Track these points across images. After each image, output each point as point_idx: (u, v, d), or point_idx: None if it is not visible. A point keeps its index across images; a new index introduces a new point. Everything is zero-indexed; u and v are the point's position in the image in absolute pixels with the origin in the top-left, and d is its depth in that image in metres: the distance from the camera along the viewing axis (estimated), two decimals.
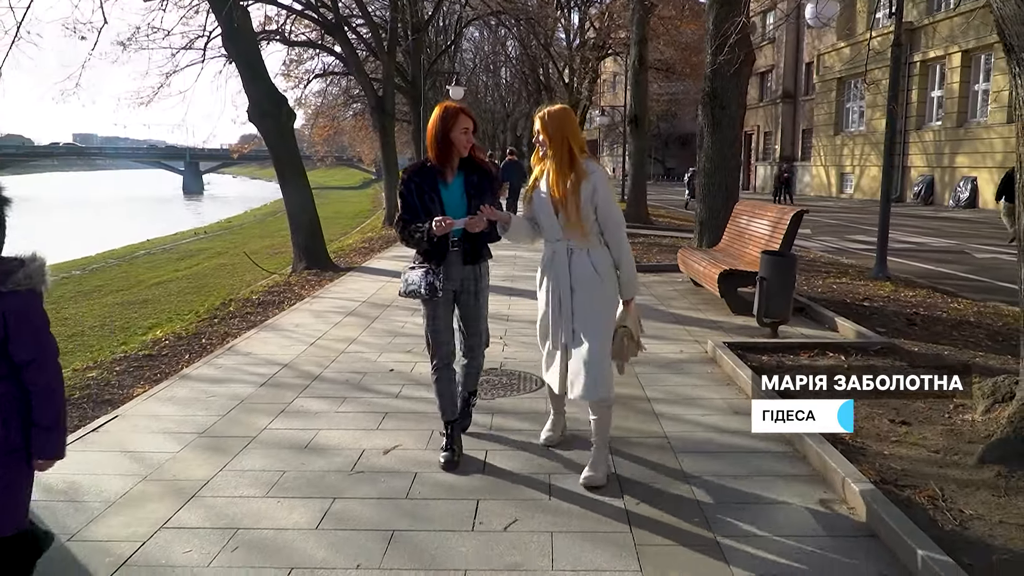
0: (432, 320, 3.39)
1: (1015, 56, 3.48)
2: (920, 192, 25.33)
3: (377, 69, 20.32)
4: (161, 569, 2.55)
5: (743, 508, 2.96)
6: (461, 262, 3.35)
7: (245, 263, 13.48)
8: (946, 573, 2.35)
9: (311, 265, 10.32)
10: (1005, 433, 3.38)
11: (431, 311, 3.38)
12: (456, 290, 3.39)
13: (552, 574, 2.50)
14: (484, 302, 3.48)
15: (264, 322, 6.86)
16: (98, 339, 8.11)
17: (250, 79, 10.18)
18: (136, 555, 2.64)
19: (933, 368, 4.80)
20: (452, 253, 3.32)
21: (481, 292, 3.44)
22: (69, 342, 7.84)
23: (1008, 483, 3.10)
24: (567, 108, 3.20)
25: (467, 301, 3.42)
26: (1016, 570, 2.48)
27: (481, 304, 3.45)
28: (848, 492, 3.00)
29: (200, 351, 5.99)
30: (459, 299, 3.42)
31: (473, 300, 3.42)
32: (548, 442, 3.61)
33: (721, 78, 9.26)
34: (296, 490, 3.15)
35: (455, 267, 3.35)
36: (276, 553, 2.64)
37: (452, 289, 3.38)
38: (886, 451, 3.46)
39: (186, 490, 3.15)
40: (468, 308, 3.43)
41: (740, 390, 4.48)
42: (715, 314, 6.71)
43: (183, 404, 4.37)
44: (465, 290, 3.40)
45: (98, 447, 3.70)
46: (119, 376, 5.35)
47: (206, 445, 3.69)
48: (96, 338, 8.19)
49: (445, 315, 3.40)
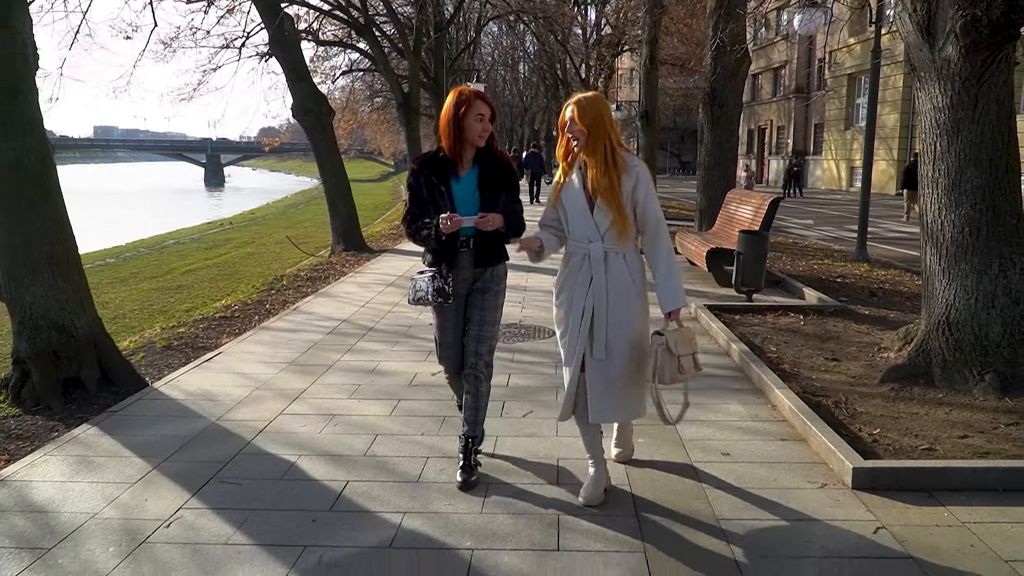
0: (440, 329, 3.13)
1: (917, 74, 4.53)
2: None
3: (399, 65, 21.46)
4: (288, 435, 3.70)
5: (700, 407, 4.04)
6: (472, 264, 3.04)
7: (271, 252, 14.58)
8: (831, 442, 3.41)
9: (348, 247, 11.49)
10: (902, 362, 4.45)
11: (440, 318, 3.12)
12: (468, 292, 3.11)
13: (556, 439, 3.61)
14: (493, 308, 3.10)
15: (318, 291, 8.04)
16: (139, 321, 8.52)
17: (295, 80, 11.37)
18: (268, 428, 3.80)
19: (870, 323, 5.86)
20: (462, 254, 3.01)
21: (491, 298, 3.09)
22: (112, 324, 8.24)
23: (896, 395, 4.17)
24: (601, 96, 2.95)
25: (475, 302, 3.08)
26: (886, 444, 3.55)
27: (488, 310, 3.08)
28: (774, 398, 4.09)
29: (267, 313, 7.16)
30: (469, 301, 3.12)
31: (479, 303, 3.07)
32: (589, 502, 2.90)
33: (720, 80, 10.30)
34: (371, 395, 4.30)
35: (466, 270, 3.04)
36: (364, 428, 3.78)
37: (463, 294, 3.09)
38: (814, 376, 4.53)
39: (290, 395, 4.31)
40: (473, 310, 3.08)
41: (712, 339, 5.56)
42: (703, 286, 7.78)
43: (269, 345, 5.54)
44: (475, 292, 3.09)
45: (215, 371, 4.88)
46: (205, 331, 6.52)
47: (296, 370, 4.85)
48: (137, 320, 8.66)
49: (455, 322, 3.12)
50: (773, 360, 4.83)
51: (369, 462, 3.35)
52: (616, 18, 26.42)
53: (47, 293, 4.53)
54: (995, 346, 4.22)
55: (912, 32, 4.46)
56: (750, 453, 3.43)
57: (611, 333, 2.83)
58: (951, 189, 4.38)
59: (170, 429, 3.79)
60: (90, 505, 2.95)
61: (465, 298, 3.11)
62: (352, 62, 25.03)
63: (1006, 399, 4.01)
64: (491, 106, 2.99)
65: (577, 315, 2.87)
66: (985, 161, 4.28)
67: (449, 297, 2.97)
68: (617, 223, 2.79)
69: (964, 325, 4.31)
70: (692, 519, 2.80)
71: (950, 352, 4.32)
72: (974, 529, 2.70)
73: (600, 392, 2.85)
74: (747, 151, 41.51)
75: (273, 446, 3.55)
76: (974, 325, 4.28)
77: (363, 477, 3.18)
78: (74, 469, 3.32)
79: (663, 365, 2.81)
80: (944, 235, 4.41)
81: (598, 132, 2.77)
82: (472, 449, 3.15)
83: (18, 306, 4.54)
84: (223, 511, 2.89)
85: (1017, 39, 4.24)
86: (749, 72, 11.68)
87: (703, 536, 2.66)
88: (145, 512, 2.89)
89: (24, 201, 4.46)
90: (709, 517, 2.80)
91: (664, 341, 2.82)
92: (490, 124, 2.99)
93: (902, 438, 3.53)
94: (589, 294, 2.85)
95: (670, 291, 2.85)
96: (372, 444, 3.56)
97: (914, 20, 4.43)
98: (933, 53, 4.36)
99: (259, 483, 3.14)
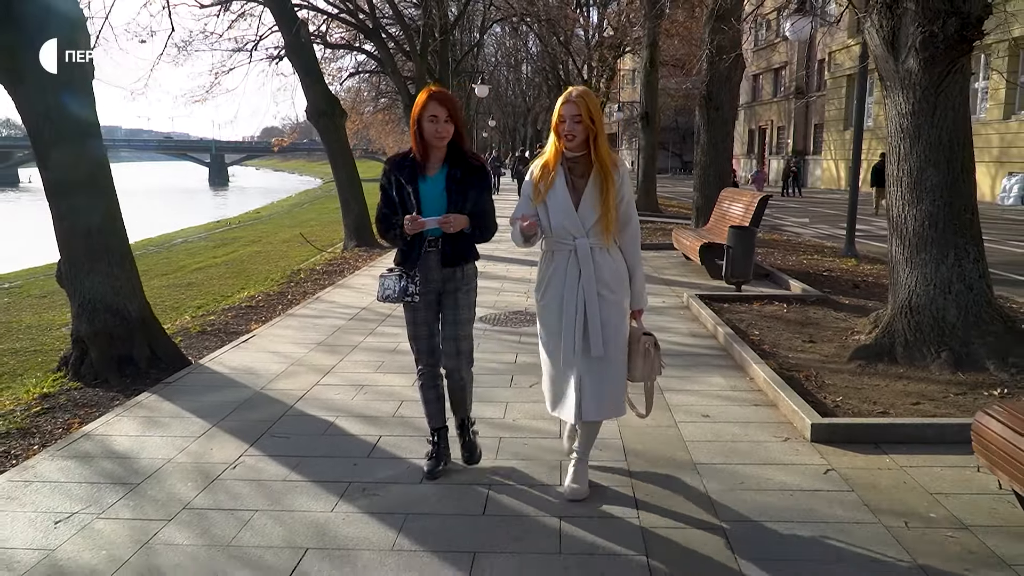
0: (412, 326, 3.14)
1: (884, 83, 5.04)
2: None
3: (404, 66, 22.00)
4: (325, 401, 4.23)
5: (686, 379, 4.55)
6: (440, 264, 3.05)
7: (278, 250, 14.96)
8: (796, 404, 3.92)
9: (360, 243, 12.03)
10: (870, 342, 4.96)
11: (411, 316, 3.13)
12: (440, 292, 3.12)
13: None
14: (466, 307, 3.13)
15: (335, 283, 8.57)
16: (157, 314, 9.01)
17: (309, 84, 11.91)
18: (306, 396, 4.33)
19: (848, 311, 6.38)
20: (429, 255, 3.04)
21: (462, 297, 3.11)
22: None
23: (862, 370, 4.68)
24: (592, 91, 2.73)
25: (448, 303, 3.11)
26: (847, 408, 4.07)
27: (461, 309, 3.11)
28: (752, 372, 4.61)
29: (290, 303, 7.69)
30: (442, 302, 3.14)
31: (451, 303, 3.10)
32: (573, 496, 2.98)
33: (715, 83, 10.82)
34: (394, 369, 4.82)
35: (433, 270, 3.06)
36: (391, 396, 4.31)
37: (434, 291, 3.10)
38: (790, 355, 5.05)
39: (323, 369, 4.85)
40: (447, 311, 3.12)
41: (701, 324, 6.07)
42: (696, 279, 8.30)
43: (297, 329, 6.08)
44: (447, 292, 3.11)
45: (251, 351, 5.41)
46: (234, 319, 7.06)
47: (324, 350, 5.38)
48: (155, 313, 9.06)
49: (426, 320, 3.12)
50: (755, 342, 5.35)
51: (397, 421, 3.88)
52: (617, 20, 26.96)
53: (104, 281, 5.07)
54: (951, 327, 4.73)
55: (879, 45, 4.98)
56: (727, 415, 3.95)
57: (606, 332, 2.83)
58: (913, 187, 4.89)
59: (221, 396, 4.33)
60: (164, 453, 3.48)
61: (438, 298, 3.12)
62: (359, 64, 25.65)
63: (959, 373, 4.52)
64: (449, 107, 2.92)
65: (571, 313, 2.84)
66: (943, 162, 4.79)
67: (416, 296, 3.01)
68: (604, 219, 2.80)
69: (924, 309, 4.82)
70: (673, 462, 3.32)
71: (911, 333, 4.83)
72: (910, 471, 3.22)
73: (596, 390, 2.84)
74: (747, 151, 42.01)
75: (313, 409, 4.08)
76: (932, 309, 4.79)
77: (393, 432, 3.71)
78: (144, 427, 3.85)
79: (654, 362, 2.95)
80: (907, 228, 4.92)
81: (600, 125, 2.79)
82: (468, 429, 3.31)
83: (78, 292, 5.07)
84: (278, 457, 3.42)
85: (971, 53, 4.75)
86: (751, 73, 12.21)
87: (682, 476, 3.18)
88: (212, 458, 3.42)
89: (85, 200, 5.00)
90: (687, 463, 3.32)
91: (654, 340, 2.96)
92: (447, 125, 2.93)
93: (861, 404, 4.05)
94: (579, 292, 2.83)
95: (641, 291, 2.96)
96: (399, 408, 4.09)
97: (880, 35, 4.95)
98: (897, 65, 4.87)
99: (305, 437, 3.67)
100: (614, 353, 2.87)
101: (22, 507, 2.99)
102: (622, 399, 2.95)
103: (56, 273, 5.24)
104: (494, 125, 51.63)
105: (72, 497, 3.05)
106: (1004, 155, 22.13)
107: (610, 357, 2.86)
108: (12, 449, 3.73)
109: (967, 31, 4.56)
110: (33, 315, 8.89)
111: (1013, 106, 21.99)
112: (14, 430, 4.00)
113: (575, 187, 2.83)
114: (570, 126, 2.77)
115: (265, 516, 2.86)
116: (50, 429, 4.02)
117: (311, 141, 65.06)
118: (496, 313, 6.58)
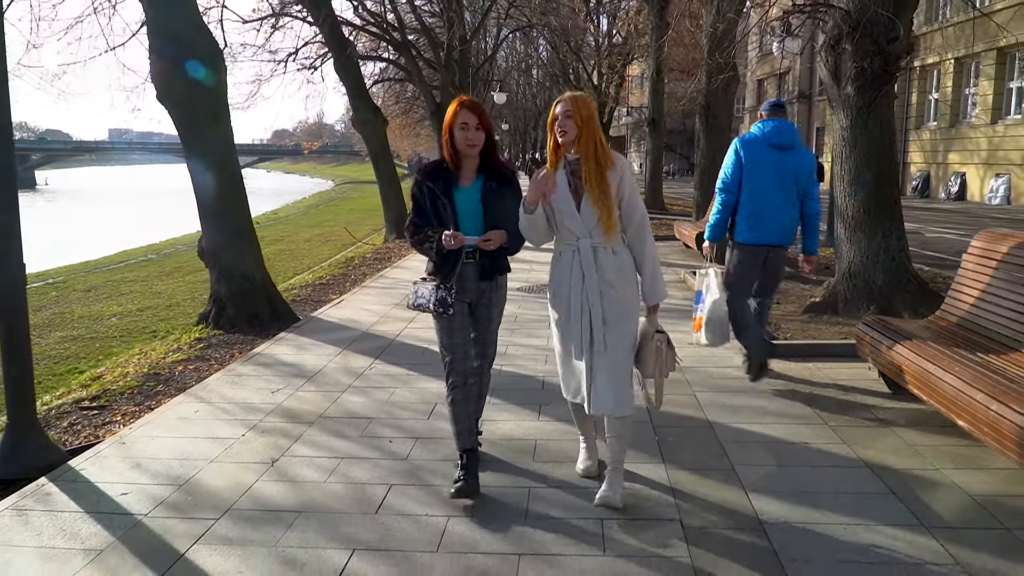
0: (448, 334, 3.11)
1: (831, 103, 6.61)
2: (917, 186, 27.91)
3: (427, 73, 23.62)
4: (415, 338, 5.85)
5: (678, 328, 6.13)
6: (477, 277, 3.10)
7: (301, 249, 16.12)
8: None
9: (400, 235, 13.66)
10: (818, 300, 6.54)
11: (446, 326, 3.10)
12: (471, 302, 3.15)
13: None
14: (498, 315, 3.23)
15: (390, 265, 10.21)
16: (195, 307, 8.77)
17: (355, 96, 13.59)
18: (400, 335, 5.95)
19: (813, 284, 7.95)
20: (466, 266, 3.06)
21: (495, 306, 3.20)
22: (169, 311, 9.24)
23: (810, 320, 6.26)
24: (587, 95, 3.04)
25: (480, 314, 3.18)
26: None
27: (493, 318, 3.20)
28: None
29: (355, 281, 9.30)
30: (474, 312, 3.18)
31: (485, 313, 3.18)
32: (587, 473, 3.25)
33: (713, 94, 12.40)
34: None
35: (470, 282, 3.09)
36: None
37: (466, 302, 3.13)
38: None
39: (407, 319, 6.47)
40: (479, 320, 3.18)
41: (690, 289, 7.64)
42: (693, 262, 9.87)
43: (375, 296, 7.72)
44: (480, 303, 3.16)
45: (346, 309, 7.06)
46: (314, 292, 8.68)
47: (403, 309, 6.99)
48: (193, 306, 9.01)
49: (461, 330, 3.12)
50: None
51: None
52: (625, 29, 28.46)
53: (237, 255, 6.71)
54: (878, 288, 6.29)
55: (827, 76, 6.55)
56: (704, 349, 5.53)
57: (608, 329, 2.89)
58: (852, 183, 6.45)
59: (339, 335, 5.95)
60: (319, 363, 5.11)
61: (470, 307, 3.15)
62: (382, 71, 27.29)
63: None
64: (479, 114, 2.97)
65: (577, 311, 2.92)
66: (873, 163, 6.35)
67: (450, 308, 3.00)
68: (604, 219, 2.84)
69: (859, 275, 6.38)
70: None
71: (850, 293, 6.40)
72: (824, 370, 4.80)
73: (602, 385, 2.89)
74: None
75: (408, 341, 5.71)
76: (865, 275, 6.35)
77: None
78: (295, 350, 5.49)
79: (665, 359, 3.01)
80: (848, 214, 6.49)
81: (592, 127, 2.85)
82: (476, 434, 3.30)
83: (218, 263, 6.71)
84: (397, 363, 5.05)
85: (893, 82, 6.30)
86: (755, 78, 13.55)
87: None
88: (352, 364, 5.06)
89: (223, 194, 6.64)
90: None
91: (667, 338, 3.01)
92: (478, 133, 2.97)
93: (804, 338, 5.63)
94: (583, 292, 2.90)
95: (651, 286, 2.98)
96: None
97: (827, 67, 6.52)
98: (839, 90, 6.44)
99: (410, 353, 5.31)
100: (619, 353, 2.91)
101: (245, 386, 4.63)
102: (628, 397, 2.93)
103: (198, 249, 6.88)
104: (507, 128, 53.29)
105: (273, 382, 4.69)
106: (992, 157, 23.50)
107: (615, 357, 2.90)
108: (201, 368, 5.35)
109: (889, 66, 6.14)
110: (82, 307, 9.77)
111: (1000, 111, 23.35)
112: (193, 356, 5.63)
113: (576, 189, 2.91)
114: (562, 121, 2.88)
115: (403, 389, 4.49)
116: (218, 356, 5.65)
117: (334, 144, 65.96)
118: (530, 284, 8.18)
